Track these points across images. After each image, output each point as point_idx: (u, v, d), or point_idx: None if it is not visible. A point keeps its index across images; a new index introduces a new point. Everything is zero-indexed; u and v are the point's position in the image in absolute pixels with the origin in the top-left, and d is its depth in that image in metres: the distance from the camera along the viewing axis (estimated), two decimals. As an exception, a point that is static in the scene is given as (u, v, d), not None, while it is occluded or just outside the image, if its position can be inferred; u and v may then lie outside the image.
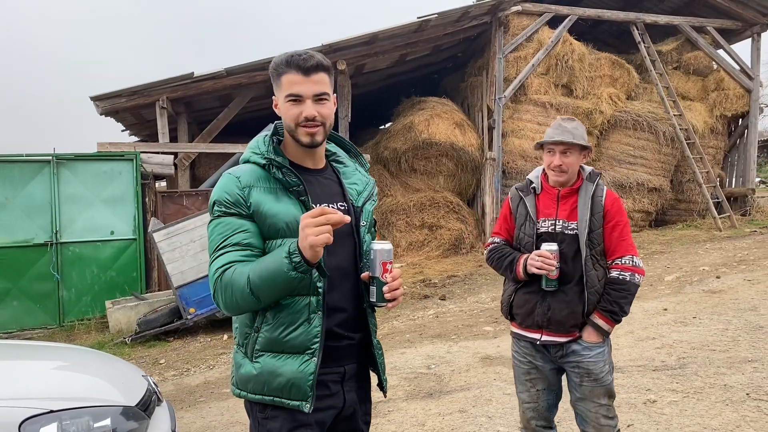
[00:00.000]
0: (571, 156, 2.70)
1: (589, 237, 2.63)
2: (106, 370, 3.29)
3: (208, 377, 6.05)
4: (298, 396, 1.81)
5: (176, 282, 7.55)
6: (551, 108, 12.64)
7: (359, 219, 1.99)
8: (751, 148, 14.03)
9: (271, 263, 1.71)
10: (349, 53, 11.15)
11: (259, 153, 1.91)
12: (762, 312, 6.08)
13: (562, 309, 2.64)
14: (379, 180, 12.48)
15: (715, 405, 4.01)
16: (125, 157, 9.23)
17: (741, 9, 13.43)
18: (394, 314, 8.08)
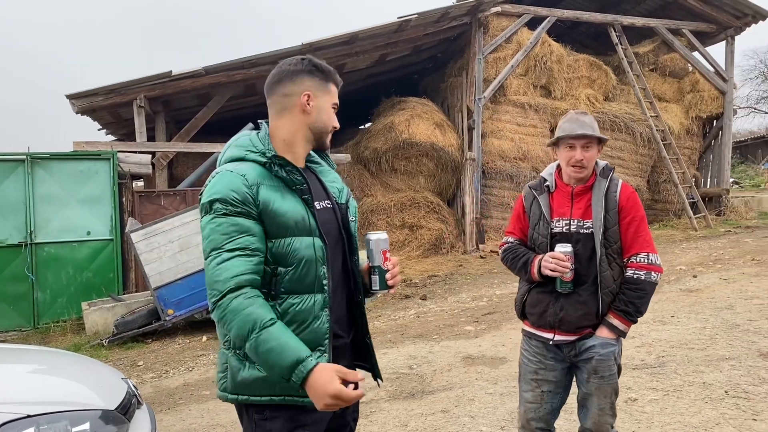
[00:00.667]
0: (592, 150, 2.62)
1: (604, 236, 2.56)
2: (84, 373, 3.22)
3: (188, 379, 5.98)
4: None
5: (154, 283, 7.45)
6: (530, 109, 12.74)
7: (346, 215, 2.03)
8: (725, 149, 14.27)
9: (277, 356, 1.67)
10: (328, 53, 11.11)
11: (258, 151, 1.90)
12: (738, 310, 6.18)
13: (576, 310, 2.58)
14: (360, 180, 12.46)
15: (695, 403, 4.06)
16: (102, 156, 9.08)
17: (715, 12, 13.66)
18: (375, 314, 8.07)
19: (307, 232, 1.86)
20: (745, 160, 26.92)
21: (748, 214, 13.69)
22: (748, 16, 13.60)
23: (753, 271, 8.04)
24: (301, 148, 1.98)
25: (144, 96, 10.19)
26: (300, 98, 1.93)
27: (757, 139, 29.53)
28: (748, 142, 29.41)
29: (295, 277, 1.83)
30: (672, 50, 13.97)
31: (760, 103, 38.81)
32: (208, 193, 1.83)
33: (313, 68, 1.95)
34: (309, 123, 1.95)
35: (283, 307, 1.82)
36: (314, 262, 1.86)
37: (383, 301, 8.75)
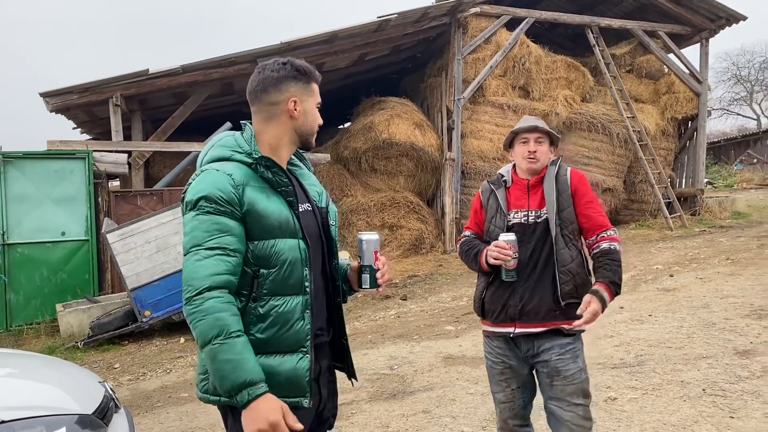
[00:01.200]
0: (544, 144, 2.76)
1: (559, 216, 2.64)
2: (59, 376, 3.15)
3: (165, 381, 5.90)
4: (296, 393, 1.85)
5: (131, 284, 7.34)
6: (509, 110, 12.80)
7: (326, 219, 2.06)
8: (700, 149, 14.48)
9: (232, 369, 1.68)
10: (308, 52, 11.05)
11: (244, 152, 1.90)
12: (714, 309, 6.26)
13: (534, 296, 2.62)
14: (339, 180, 12.43)
15: (673, 401, 4.09)
16: (77, 155, 8.95)
17: (690, 15, 13.84)
18: (356, 315, 8.04)
19: (292, 234, 1.87)
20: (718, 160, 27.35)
21: (722, 214, 13.89)
22: (722, 19, 13.80)
23: (728, 270, 8.16)
24: (285, 151, 2.00)
25: (120, 94, 10.04)
26: (287, 105, 1.94)
27: (730, 140, 30.05)
28: (721, 143, 29.90)
29: (278, 278, 1.84)
30: (648, 52, 14.13)
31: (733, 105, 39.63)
32: (194, 190, 1.82)
33: (296, 72, 1.95)
34: (296, 127, 1.97)
35: (265, 309, 1.83)
36: (298, 264, 1.87)
37: (363, 302, 8.73)
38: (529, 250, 2.65)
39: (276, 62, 1.97)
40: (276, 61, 1.98)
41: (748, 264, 8.41)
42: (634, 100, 13.85)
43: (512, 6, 13.18)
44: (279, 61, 1.97)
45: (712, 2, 13.45)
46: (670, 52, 14.18)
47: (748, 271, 7.91)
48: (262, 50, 10.60)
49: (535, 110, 12.72)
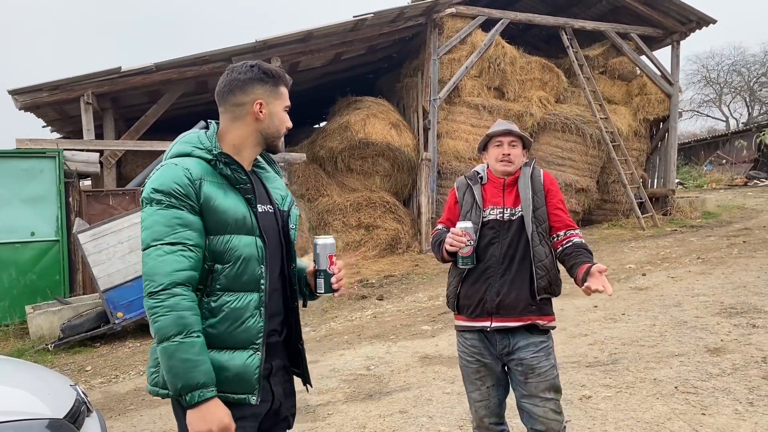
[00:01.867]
0: (517, 147, 2.83)
1: (534, 215, 2.71)
2: (29, 380, 3.08)
3: (139, 384, 5.80)
4: (245, 389, 1.86)
5: (103, 285, 7.22)
6: (484, 110, 12.87)
7: (287, 222, 2.09)
8: (671, 150, 14.72)
9: (186, 369, 1.72)
10: (283, 50, 11.00)
11: (204, 148, 1.92)
12: (686, 308, 6.36)
13: (510, 291, 2.67)
14: (315, 179, 12.37)
15: (647, 399, 4.15)
16: (47, 154, 8.78)
17: (662, 17, 14.06)
18: (332, 315, 8.01)
19: (248, 231, 1.90)
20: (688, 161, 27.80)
21: (692, 213, 14.14)
22: (693, 22, 14.04)
23: (699, 269, 8.31)
24: (249, 152, 2.02)
25: (92, 92, 9.89)
26: (253, 107, 1.97)
27: (700, 141, 30.58)
28: (691, 144, 30.42)
29: (232, 274, 1.86)
30: (621, 54, 14.32)
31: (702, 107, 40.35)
32: (152, 185, 1.84)
33: (263, 75, 1.98)
34: (261, 129, 2.00)
35: (217, 303, 1.85)
36: (252, 261, 1.89)
37: (340, 303, 8.71)
38: (505, 246, 2.72)
39: (244, 64, 2.00)
40: (244, 64, 2.01)
41: (718, 263, 8.57)
42: (607, 101, 14.02)
43: (488, 7, 13.26)
44: (247, 64, 2.00)
45: (683, 5, 13.69)
46: (642, 54, 14.39)
47: (718, 270, 8.05)
48: (237, 48, 10.51)
49: (510, 111, 12.82)
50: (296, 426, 4.28)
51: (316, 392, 4.98)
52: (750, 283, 7.13)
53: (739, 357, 4.78)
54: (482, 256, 2.74)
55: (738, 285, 7.12)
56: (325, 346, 6.48)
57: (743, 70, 37.27)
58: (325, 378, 5.33)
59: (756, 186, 21.32)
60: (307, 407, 4.66)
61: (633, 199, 13.25)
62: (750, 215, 14.20)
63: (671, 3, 13.64)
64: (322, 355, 6.09)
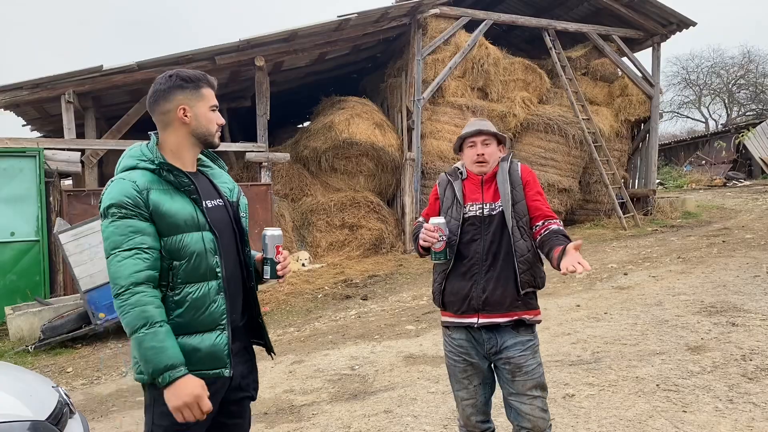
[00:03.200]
0: (491, 146, 2.84)
1: (514, 209, 2.73)
2: (10, 381, 3.04)
3: (121, 385, 5.76)
4: (217, 365, 2.11)
5: (84, 286, 7.14)
6: (467, 110, 12.91)
7: (237, 212, 2.31)
8: (652, 151, 14.89)
9: (155, 354, 1.95)
10: (267, 50, 10.96)
11: (147, 159, 2.13)
12: (667, 307, 6.44)
13: (497, 287, 2.69)
14: (299, 179, 12.35)
15: (629, 397, 4.20)
16: (27, 153, 8.67)
17: (643, 20, 14.20)
18: (316, 315, 8.00)
19: (197, 227, 2.11)
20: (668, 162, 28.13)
21: (673, 214, 14.30)
22: (674, 25, 14.20)
23: (679, 268, 8.41)
24: (188, 154, 2.22)
25: (73, 91, 9.77)
26: (177, 113, 2.17)
27: (680, 142, 30.95)
28: (671, 145, 30.77)
29: (189, 268, 2.08)
30: (603, 55, 14.44)
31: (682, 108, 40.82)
32: (106, 200, 2.06)
33: (182, 82, 2.17)
34: (191, 131, 2.19)
35: (180, 296, 2.08)
36: (205, 253, 2.11)
37: (324, 303, 8.70)
38: (487, 242, 2.74)
39: (164, 75, 2.21)
40: (164, 75, 2.21)
41: (699, 262, 8.68)
42: (589, 102, 14.13)
43: (471, 8, 13.32)
44: (167, 74, 2.21)
45: (664, 8, 13.84)
46: (623, 55, 14.53)
47: (698, 270, 8.16)
48: (220, 47, 10.45)
49: (493, 111, 12.88)
50: (281, 427, 4.28)
51: (300, 392, 4.97)
52: (729, 282, 7.23)
53: (719, 355, 4.85)
54: (465, 252, 2.76)
55: (718, 284, 7.22)
56: (309, 346, 6.47)
57: (722, 72, 37.76)
58: (309, 378, 5.32)
59: (734, 186, 21.62)
60: (292, 407, 4.65)
61: (615, 199, 13.38)
62: (729, 215, 14.40)
63: (652, 5, 13.79)
64: (307, 355, 6.08)
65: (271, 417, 4.50)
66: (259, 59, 10.83)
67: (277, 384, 5.20)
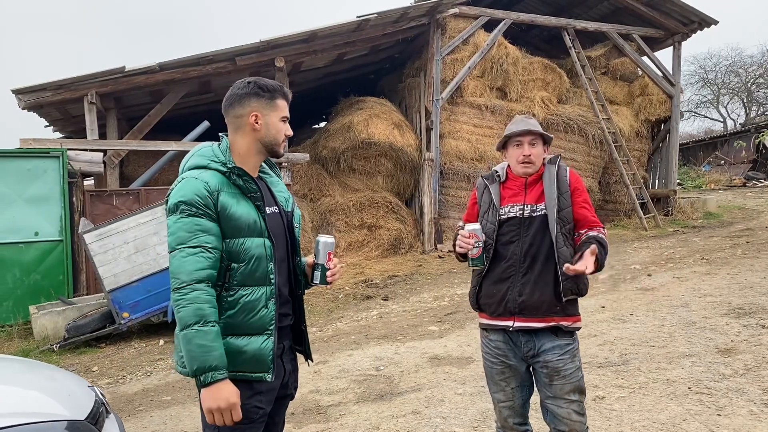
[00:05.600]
0: (538, 147, 2.77)
1: (559, 215, 2.65)
2: (47, 381, 3.05)
3: (146, 384, 5.78)
4: (261, 369, 2.16)
5: (109, 285, 7.19)
6: (486, 110, 12.88)
7: (291, 221, 2.38)
8: (672, 151, 14.75)
9: (202, 353, 2.00)
10: (287, 50, 10.98)
11: (219, 161, 2.19)
12: (693, 308, 6.36)
13: (535, 291, 2.63)
14: (318, 180, 12.36)
15: (661, 400, 4.14)
16: (51, 154, 8.74)
17: (663, 18, 14.08)
18: (338, 316, 8.00)
19: (258, 233, 2.17)
20: (687, 162, 27.84)
21: (694, 214, 14.15)
22: (695, 23, 14.06)
23: (703, 269, 8.31)
24: (254, 160, 2.28)
25: (95, 92, 9.85)
26: (249, 118, 2.23)
27: (698, 142, 30.60)
28: (689, 144, 30.43)
29: (246, 271, 2.14)
30: (623, 54, 14.34)
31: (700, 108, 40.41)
32: (176, 196, 2.12)
33: (258, 90, 2.24)
34: (259, 138, 2.25)
35: (234, 297, 2.13)
36: (263, 259, 2.16)
37: (345, 303, 8.70)
38: (526, 244, 2.68)
39: (243, 81, 2.27)
40: (244, 80, 2.28)
41: (723, 264, 8.57)
42: (609, 101, 14.03)
43: (490, 7, 13.26)
44: (246, 80, 2.27)
45: (685, 6, 13.71)
46: (643, 54, 14.41)
47: (723, 271, 8.06)
48: (240, 48, 10.49)
49: (512, 111, 12.82)
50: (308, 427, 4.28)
51: (326, 393, 4.97)
52: (757, 284, 7.13)
53: (750, 357, 4.78)
54: (503, 253, 2.71)
55: (744, 285, 7.12)
56: (332, 346, 6.46)
57: (741, 71, 37.28)
58: (335, 378, 5.31)
59: (755, 187, 21.34)
60: (319, 408, 4.65)
61: (635, 199, 13.27)
62: (751, 216, 14.22)
63: (673, 4, 13.66)
64: (331, 355, 6.07)
65: (298, 417, 4.50)
66: (279, 60, 10.85)
67: (302, 384, 5.16)
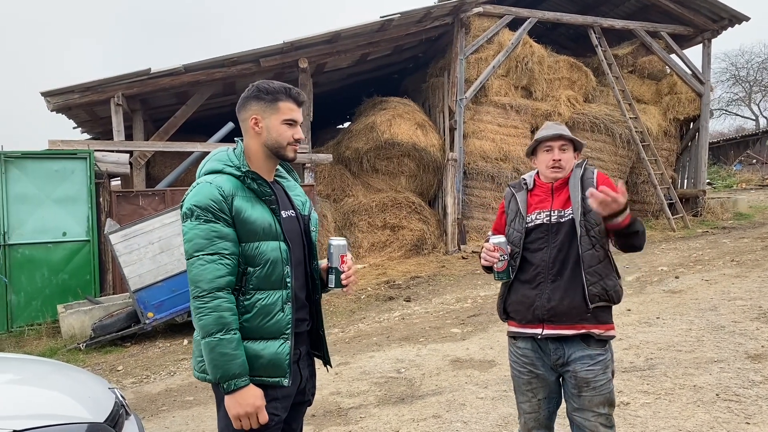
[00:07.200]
0: (568, 152, 2.70)
1: (585, 218, 2.58)
2: (68, 383, 3.09)
3: (170, 384, 5.84)
4: (277, 373, 2.15)
5: (134, 285, 7.28)
6: (511, 110, 12.76)
7: (308, 225, 2.37)
8: (702, 150, 14.46)
9: (226, 361, 2.03)
10: (311, 51, 11.00)
11: (233, 165, 2.19)
12: (722, 312, 6.22)
13: (564, 298, 2.56)
14: (341, 180, 12.37)
15: (687, 406, 4.05)
16: (78, 155, 8.88)
17: (693, 15, 13.81)
18: (360, 317, 7.99)
19: (274, 237, 2.16)
20: (717, 161, 27.33)
21: (724, 215, 13.87)
22: (725, 20, 13.78)
23: (733, 272, 8.12)
24: (266, 164, 2.27)
25: (122, 94, 9.97)
26: (249, 122, 2.23)
27: (729, 141, 30.01)
28: (720, 143, 29.86)
29: (262, 275, 2.13)
30: (650, 52, 14.10)
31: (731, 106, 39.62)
32: (190, 201, 2.12)
33: (259, 93, 2.23)
34: (262, 142, 2.23)
35: (250, 301, 2.13)
36: (279, 262, 2.16)
37: (367, 304, 8.69)
38: (554, 250, 2.62)
39: (251, 85, 2.27)
40: (250, 84, 2.27)
41: (754, 266, 8.37)
42: (636, 100, 13.82)
43: (515, 6, 13.14)
44: (253, 84, 2.27)
45: (715, 3, 13.43)
46: (672, 52, 14.16)
47: (754, 273, 7.87)
48: (264, 50, 10.54)
49: (537, 110, 12.70)
50: (329, 429, 4.27)
51: (347, 395, 4.95)
52: (788, 287, 6.95)
53: (781, 364, 4.65)
54: (531, 260, 2.66)
55: (776, 289, 6.94)
56: (354, 347, 6.45)
57: (774, 68, 36.49)
58: (355, 380, 5.30)
59: (788, 186, 20.86)
60: (339, 410, 4.64)
61: (663, 199, 13.04)
62: (784, 216, 13.89)
63: (703, 0, 13.39)
64: (352, 356, 6.06)
65: (318, 419, 4.49)
66: (302, 61, 10.88)
67: (323, 386, 5.19)
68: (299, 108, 2.28)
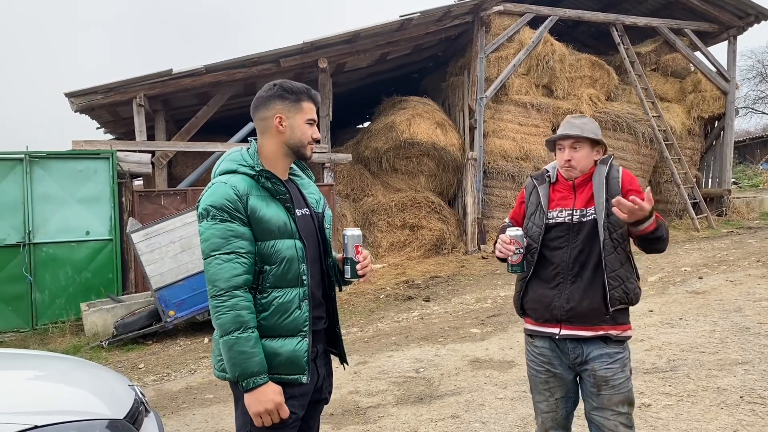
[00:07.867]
0: (581, 150, 2.61)
1: (608, 220, 2.50)
2: (90, 379, 3.12)
3: (190, 382, 5.88)
4: (296, 371, 2.17)
5: (155, 284, 7.35)
6: (532, 108, 12.67)
7: (322, 223, 2.39)
8: (727, 149, 14.23)
9: (244, 359, 2.05)
10: (330, 51, 11.02)
11: (248, 165, 2.22)
12: (747, 313, 6.11)
13: (582, 299, 2.52)
14: (360, 180, 12.38)
15: (710, 409, 3.98)
16: (101, 155, 8.99)
17: (717, 12, 13.60)
18: (378, 316, 7.99)
19: (289, 235, 2.18)
20: (743, 160, 26.86)
21: (749, 214, 13.64)
22: (751, 16, 13.54)
23: (759, 272, 7.98)
24: (282, 162, 2.30)
25: (144, 94, 10.08)
26: (273, 121, 2.24)
27: (755, 140, 29.47)
28: (746, 142, 29.34)
29: (279, 273, 2.15)
30: (674, 50, 13.91)
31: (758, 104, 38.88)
32: (206, 201, 2.15)
33: (283, 92, 2.25)
34: (285, 140, 2.26)
35: (267, 299, 2.15)
36: (295, 260, 2.18)
37: (386, 303, 8.68)
38: (575, 251, 2.57)
39: (270, 84, 2.29)
40: (270, 83, 2.29)
41: (780, 266, 8.22)
42: (659, 99, 13.64)
43: (535, 4, 13.04)
44: (272, 83, 2.29)
45: (741, -1, 13.21)
46: (696, 50, 13.95)
47: (780, 274, 7.72)
48: (284, 50, 10.58)
49: (559, 109, 12.59)
50: (347, 428, 4.27)
51: (365, 394, 4.95)
52: (816, 288, 6.81)
53: (808, 366, 4.56)
54: (551, 259, 2.61)
55: (803, 290, 6.81)
56: (372, 347, 6.45)
57: (802, 66, 35.74)
58: (374, 380, 5.30)
59: (817, 186, 20.44)
60: (358, 409, 4.64)
61: (687, 199, 12.86)
62: (811, 216, 13.61)
63: (728, -4, 13.19)
64: (371, 356, 6.06)
65: (337, 418, 4.49)
66: (322, 61, 10.91)
67: (342, 385, 5.19)
68: (317, 108, 2.33)
